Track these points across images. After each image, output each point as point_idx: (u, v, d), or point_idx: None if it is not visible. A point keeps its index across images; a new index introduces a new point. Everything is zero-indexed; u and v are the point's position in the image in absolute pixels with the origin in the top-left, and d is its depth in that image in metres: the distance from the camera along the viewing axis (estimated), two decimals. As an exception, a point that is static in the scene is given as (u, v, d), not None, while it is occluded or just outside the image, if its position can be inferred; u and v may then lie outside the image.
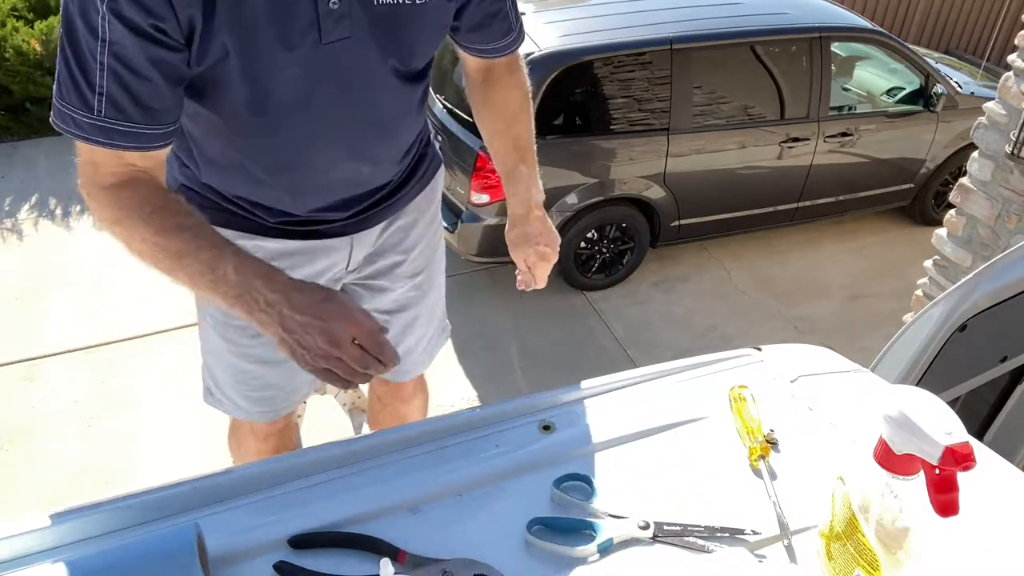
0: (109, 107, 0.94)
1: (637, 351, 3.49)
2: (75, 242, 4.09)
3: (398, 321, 1.60)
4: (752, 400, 1.00)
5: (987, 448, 0.99)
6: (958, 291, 1.39)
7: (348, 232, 1.39)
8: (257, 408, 1.54)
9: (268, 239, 1.34)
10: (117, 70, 0.92)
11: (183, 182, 1.31)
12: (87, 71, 0.92)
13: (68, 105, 0.95)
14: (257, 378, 1.48)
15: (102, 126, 0.96)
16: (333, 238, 1.38)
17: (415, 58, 1.17)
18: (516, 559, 0.77)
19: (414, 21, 1.10)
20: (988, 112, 2.84)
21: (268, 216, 1.31)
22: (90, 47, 0.91)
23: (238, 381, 1.49)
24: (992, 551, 0.83)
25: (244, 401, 1.53)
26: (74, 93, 0.94)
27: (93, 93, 0.93)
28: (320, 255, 1.39)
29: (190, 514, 0.81)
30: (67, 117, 0.96)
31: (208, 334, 1.46)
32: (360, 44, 1.07)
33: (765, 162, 3.98)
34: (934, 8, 7.93)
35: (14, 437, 2.85)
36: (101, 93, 0.93)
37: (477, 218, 3.53)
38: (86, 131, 0.96)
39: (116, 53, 0.91)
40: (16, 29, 4.91)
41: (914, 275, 3.44)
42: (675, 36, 3.61)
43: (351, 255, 1.45)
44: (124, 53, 0.92)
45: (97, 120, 0.95)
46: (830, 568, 0.76)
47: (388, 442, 0.92)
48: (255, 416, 1.57)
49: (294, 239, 1.35)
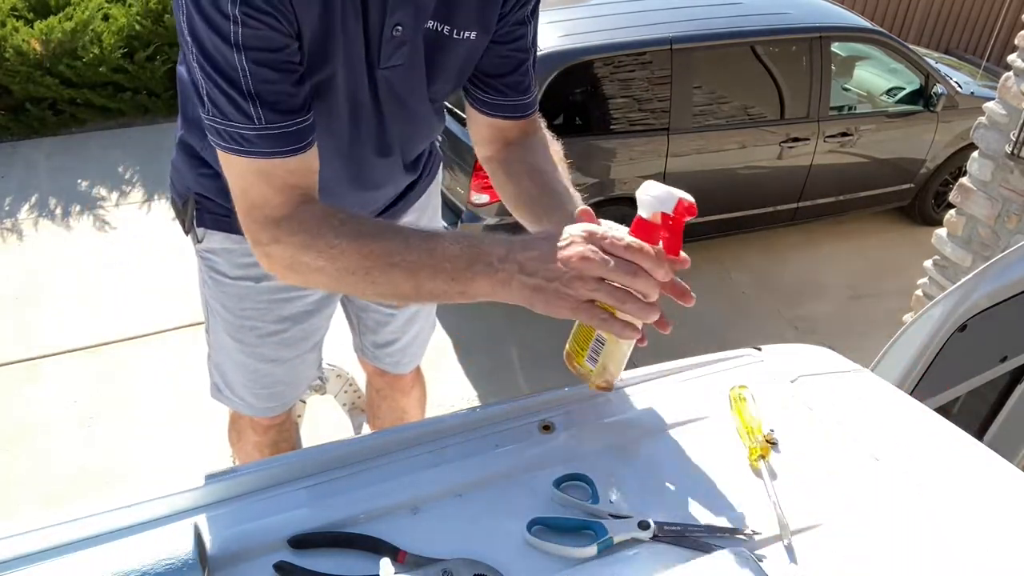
0: (267, 111, 0.89)
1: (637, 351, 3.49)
2: (75, 242, 4.09)
3: (401, 315, 1.63)
4: (752, 400, 1.00)
5: (987, 448, 0.99)
6: (958, 291, 1.39)
7: None
8: (265, 404, 1.57)
9: None
10: (259, 72, 0.88)
11: (197, 191, 1.31)
12: (233, 81, 0.88)
13: (230, 122, 0.90)
14: (267, 375, 1.51)
15: (270, 134, 0.91)
16: None
17: (445, 88, 1.16)
18: (516, 559, 0.77)
19: (449, 52, 1.08)
20: (988, 112, 2.84)
21: None
22: (227, 56, 0.87)
23: (249, 380, 1.51)
24: (993, 552, 0.83)
25: (253, 398, 1.55)
26: (232, 108, 0.89)
27: (248, 102, 0.89)
28: None
29: (190, 514, 0.81)
30: (233, 135, 0.91)
31: (218, 335, 1.47)
32: (410, 68, 1.06)
33: (765, 162, 3.98)
34: (934, 8, 7.93)
35: (14, 437, 2.85)
36: (255, 100, 0.89)
37: (477, 218, 3.53)
38: (254, 144, 0.91)
39: (253, 56, 0.87)
40: (16, 29, 4.91)
41: (914, 275, 3.44)
42: (675, 36, 3.61)
43: None
44: (261, 54, 0.88)
45: (263, 129, 0.90)
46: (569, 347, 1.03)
47: (388, 442, 0.92)
48: (262, 412, 1.59)
49: None
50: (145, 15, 5.26)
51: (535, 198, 1.09)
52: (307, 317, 1.46)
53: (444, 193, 3.67)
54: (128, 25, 5.20)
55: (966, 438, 1.00)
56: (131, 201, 4.48)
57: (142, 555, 0.70)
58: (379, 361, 1.77)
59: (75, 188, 4.56)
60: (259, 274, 1.36)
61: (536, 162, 1.14)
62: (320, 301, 1.47)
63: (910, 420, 1.04)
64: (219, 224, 1.33)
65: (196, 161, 1.28)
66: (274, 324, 1.43)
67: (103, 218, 4.30)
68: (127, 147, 5.05)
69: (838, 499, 0.86)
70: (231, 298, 1.40)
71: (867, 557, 0.80)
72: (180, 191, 1.35)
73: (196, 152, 1.27)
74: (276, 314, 1.42)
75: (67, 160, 4.85)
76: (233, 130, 0.90)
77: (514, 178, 1.15)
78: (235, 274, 1.37)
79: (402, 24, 0.99)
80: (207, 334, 1.52)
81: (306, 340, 1.51)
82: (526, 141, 1.19)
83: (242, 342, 1.45)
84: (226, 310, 1.42)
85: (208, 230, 1.34)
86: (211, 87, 0.89)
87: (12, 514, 2.57)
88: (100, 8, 5.21)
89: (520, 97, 1.18)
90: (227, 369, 1.52)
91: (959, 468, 0.94)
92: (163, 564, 0.69)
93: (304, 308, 1.45)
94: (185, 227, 1.37)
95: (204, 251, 1.38)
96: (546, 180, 1.10)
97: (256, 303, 1.40)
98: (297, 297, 1.42)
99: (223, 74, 0.88)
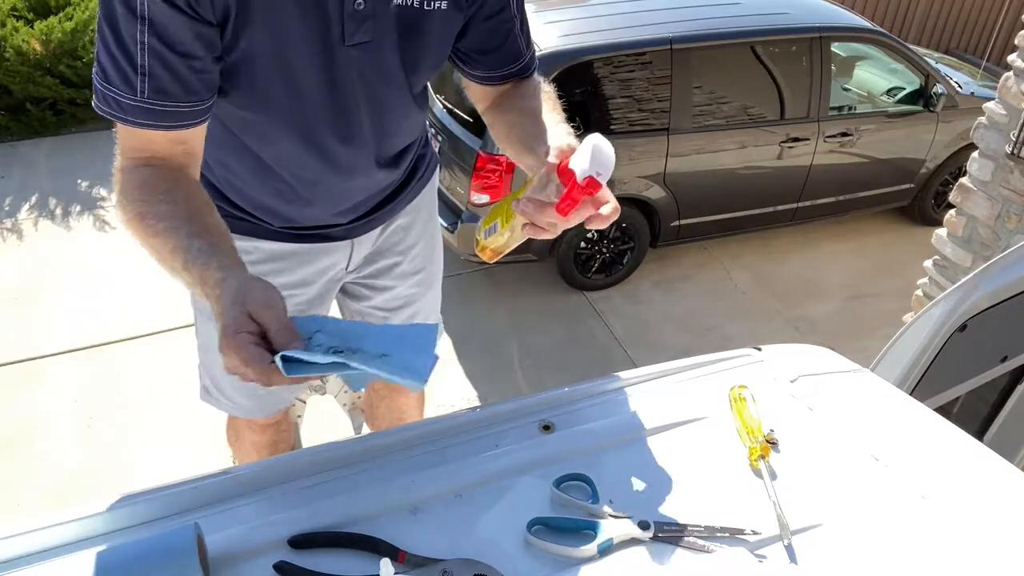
0: (152, 88, 0.93)
1: (637, 351, 3.49)
2: (75, 242, 4.09)
3: (398, 318, 1.62)
4: (752, 400, 1.00)
5: (987, 448, 0.99)
6: (958, 291, 1.39)
7: (350, 236, 1.40)
8: (255, 404, 1.55)
9: (268, 241, 1.34)
10: (158, 49, 0.91)
11: None
12: (129, 52, 0.91)
13: (111, 87, 0.94)
14: None
15: (145, 107, 0.94)
16: (334, 241, 1.39)
17: (420, 68, 1.15)
18: (516, 559, 0.77)
19: (421, 26, 1.08)
20: (988, 112, 2.84)
21: (273, 220, 1.31)
22: (130, 27, 0.90)
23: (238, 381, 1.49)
24: (992, 551, 0.83)
25: (244, 399, 1.54)
26: (116, 75, 0.93)
27: (136, 74, 0.92)
28: (321, 255, 1.40)
29: (190, 514, 0.81)
30: (111, 100, 0.95)
31: (208, 334, 1.46)
32: (379, 47, 1.06)
33: (765, 162, 3.98)
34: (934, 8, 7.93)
35: (14, 437, 2.85)
36: (144, 73, 0.92)
37: (477, 218, 3.53)
38: (129, 113, 0.95)
39: (157, 32, 0.91)
40: (16, 29, 4.91)
41: (914, 275, 3.44)
42: (675, 36, 3.61)
43: (351, 256, 1.45)
44: (165, 32, 0.91)
45: (140, 101, 0.94)
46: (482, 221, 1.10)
47: (388, 442, 0.92)
48: (255, 414, 1.58)
49: (295, 242, 1.36)
50: (145, 15, 5.26)
51: (521, 136, 1.11)
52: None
53: (444, 193, 3.67)
54: (128, 25, 5.21)
55: (966, 438, 1.00)
56: (131, 201, 4.48)
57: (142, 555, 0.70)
58: None
59: (75, 188, 4.55)
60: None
61: (526, 103, 1.16)
62: (312, 300, 1.46)
63: (910, 420, 1.04)
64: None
65: None
66: None
67: (103, 218, 4.30)
68: (127, 147, 5.05)
69: (838, 499, 0.86)
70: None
71: (867, 557, 0.80)
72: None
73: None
74: None
75: (67, 160, 4.85)
76: (111, 95, 0.94)
77: (504, 117, 1.19)
78: None
79: None
80: (196, 336, 1.51)
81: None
82: (520, 86, 1.22)
83: None
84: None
85: None
86: (104, 52, 0.92)
87: (12, 514, 2.57)
88: (100, 8, 5.22)
89: (514, 64, 1.20)
90: (216, 371, 1.50)
91: (959, 468, 0.94)
92: (163, 564, 0.69)
93: (295, 306, 1.44)
94: None
95: None
96: (532, 119, 1.12)
97: None
98: (289, 296, 1.42)
99: (120, 42, 0.90)
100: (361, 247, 1.45)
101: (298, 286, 1.42)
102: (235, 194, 1.29)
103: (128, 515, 0.80)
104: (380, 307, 1.59)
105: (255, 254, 1.34)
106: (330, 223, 1.35)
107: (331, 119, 1.12)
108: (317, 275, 1.43)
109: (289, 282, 1.39)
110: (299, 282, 1.41)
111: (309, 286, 1.44)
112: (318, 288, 1.46)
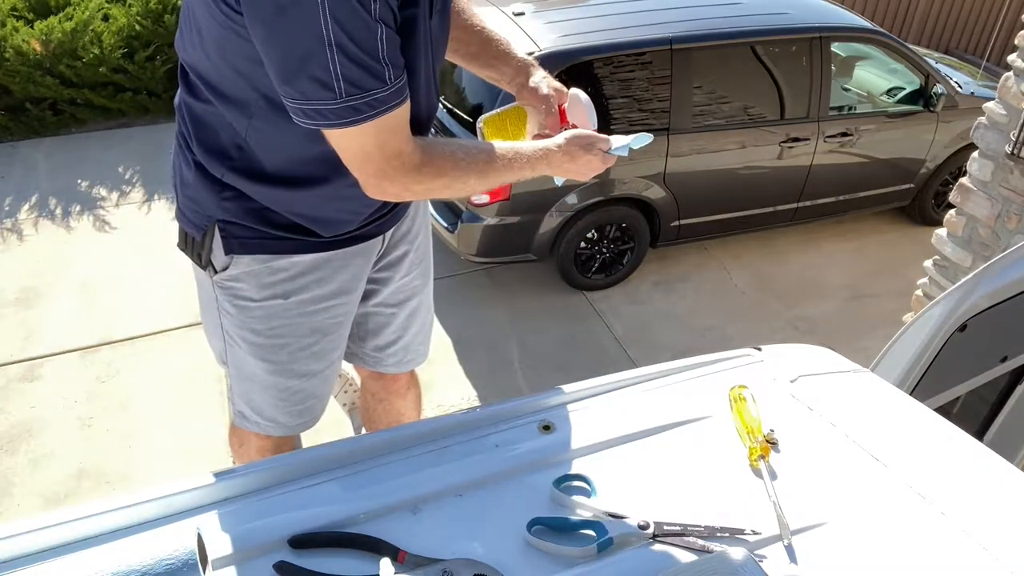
0: (395, 74, 1.06)
1: (637, 351, 3.49)
2: (75, 242, 4.09)
3: (402, 312, 1.64)
4: (752, 400, 1.00)
5: (987, 448, 0.99)
6: (958, 291, 1.39)
7: (383, 230, 1.44)
8: (297, 420, 1.57)
9: (306, 254, 1.35)
10: (389, 36, 1.03)
11: (221, 217, 1.29)
12: (373, 54, 1.02)
13: (366, 93, 1.03)
14: (298, 391, 1.51)
15: (397, 88, 1.07)
16: (373, 239, 1.42)
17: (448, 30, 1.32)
18: (516, 559, 0.77)
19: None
20: (988, 112, 2.84)
21: (325, 230, 1.33)
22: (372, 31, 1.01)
23: (280, 400, 1.51)
24: (992, 550, 0.83)
25: (285, 417, 1.54)
26: (369, 79, 1.03)
27: (382, 66, 1.03)
28: (355, 257, 1.42)
29: (190, 514, 0.81)
30: (367, 104, 1.04)
31: (244, 361, 1.46)
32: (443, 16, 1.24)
33: (765, 162, 3.98)
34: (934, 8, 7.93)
35: (14, 437, 2.85)
36: (387, 63, 1.04)
37: (477, 218, 3.53)
38: (386, 101, 1.06)
39: (385, 23, 1.02)
40: (16, 29, 4.91)
41: (914, 275, 3.44)
42: (675, 36, 3.61)
43: (381, 251, 1.49)
44: (388, 20, 1.03)
45: (393, 85, 1.06)
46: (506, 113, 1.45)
47: (388, 442, 0.92)
48: (294, 429, 1.58)
49: (337, 248, 1.37)
50: (145, 15, 5.26)
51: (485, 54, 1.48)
52: (335, 328, 1.47)
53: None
54: (128, 25, 5.20)
55: (966, 438, 1.00)
56: (131, 201, 4.48)
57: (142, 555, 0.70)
58: (380, 364, 1.76)
59: (75, 188, 4.56)
60: (287, 290, 1.37)
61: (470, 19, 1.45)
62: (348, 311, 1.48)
63: (910, 420, 1.04)
64: (246, 247, 1.32)
65: (218, 187, 1.27)
66: (306, 338, 1.43)
67: (103, 218, 4.30)
68: (127, 147, 5.05)
69: (838, 499, 0.86)
70: (259, 320, 1.40)
71: (867, 557, 0.80)
72: (198, 223, 1.33)
73: (217, 179, 1.26)
74: (307, 327, 1.42)
75: (67, 160, 4.85)
76: (371, 98, 1.04)
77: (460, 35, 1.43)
78: (262, 295, 1.37)
79: None
80: (225, 366, 1.51)
81: (335, 350, 1.52)
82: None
83: (273, 362, 1.44)
84: (255, 334, 1.41)
85: (235, 255, 1.33)
86: (349, 66, 1.00)
87: (12, 514, 2.57)
88: (100, 8, 5.21)
89: None
90: (255, 395, 1.51)
91: (959, 468, 0.94)
92: (163, 564, 0.69)
93: (333, 319, 1.45)
94: (202, 260, 1.35)
95: (225, 280, 1.36)
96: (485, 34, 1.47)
97: (286, 319, 1.40)
98: (327, 307, 1.43)
99: (366, 48, 1.01)
100: (386, 241, 1.49)
101: (339, 295, 1.43)
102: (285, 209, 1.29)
103: (128, 515, 0.80)
104: (386, 303, 1.61)
105: (292, 269, 1.36)
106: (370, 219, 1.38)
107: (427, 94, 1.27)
108: (354, 281, 1.45)
109: (328, 292, 1.41)
110: (338, 291, 1.43)
111: (349, 294, 1.46)
112: (357, 295, 1.49)
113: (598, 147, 1.31)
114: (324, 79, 1.00)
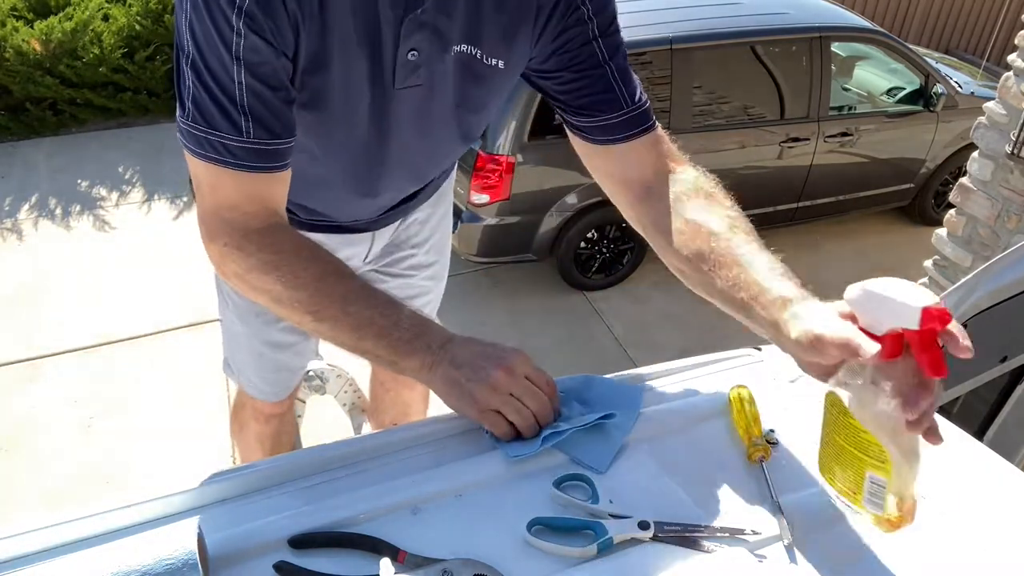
0: (257, 127, 0.89)
1: (637, 351, 3.49)
2: (75, 242, 4.09)
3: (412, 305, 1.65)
4: (752, 400, 1.00)
5: (987, 448, 0.99)
6: (958, 291, 1.39)
7: (371, 229, 1.44)
8: (269, 387, 1.63)
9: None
10: (255, 87, 0.87)
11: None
12: (228, 92, 0.87)
13: (216, 132, 0.88)
14: (271, 360, 1.57)
15: (255, 148, 0.89)
16: (356, 233, 1.42)
17: (481, 112, 1.13)
18: (516, 559, 0.77)
19: (480, 77, 1.05)
20: (988, 112, 2.84)
21: (302, 214, 1.33)
22: (227, 67, 0.86)
23: (255, 362, 1.58)
24: (991, 551, 0.83)
25: (259, 380, 1.62)
26: (221, 118, 0.88)
27: (239, 113, 0.87)
28: (342, 247, 1.42)
29: (190, 514, 0.81)
30: (216, 145, 0.89)
31: (230, 318, 1.53)
32: (431, 91, 1.03)
33: (765, 162, 3.98)
34: (934, 8, 7.93)
35: (14, 437, 2.85)
36: (247, 114, 0.88)
37: (477, 218, 3.54)
38: (240, 157, 0.89)
39: (252, 70, 0.86)
40: (16, 29, 4.91)
41: (914, 275, 3.44)
42: (675, 36, 3.61)
43: (371, 248, 1.49)
44: (259, 69, 0.87)
45: (249, 143, 0.89)
46: (838, 486, 0.82)
47: (388, 442, 0.92)
48: (267, 395, 1.65)
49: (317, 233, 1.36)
50: (145, 15, 5.26)
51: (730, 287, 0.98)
52: None
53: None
54: (128, 25, 5.21)
55: (966, 438, 1.00)
56: (131, 201, 4.48)
57: (142, 555, 0.70)
58: None
59: (75, 188, 4.56)
60: None
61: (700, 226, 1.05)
62: None
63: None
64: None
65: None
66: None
67: (103, 218, 4.30)
68: (127, 147, 5.05)
69: (838, 499, 0.86)
70: None
71: (867, 557, 0.80)
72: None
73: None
74: None
75: (67, 160, 4.85)
76: (216, 140, 0.89)
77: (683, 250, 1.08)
78: None
79: (418, 49, 0.96)
80: (222, 318, 1.58)
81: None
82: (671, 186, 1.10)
83: (250, 325, 1.50)
84: (237, 294, 1.45)
85: None
86: (202, 95, 0.87)
87: (12, 514, 2.57)
88: (100, 8, 5.21)
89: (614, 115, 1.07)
90: (235, 349, 1.59)
91: (959, 468, 0.94)
92: (163, 564, 0.69)
93: None
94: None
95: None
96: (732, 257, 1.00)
97: None
98: None
99: (220, 84, 0.87)
100: (380, 239, 1.49)
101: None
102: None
103: (128, 515, 0.80)
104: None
105: None
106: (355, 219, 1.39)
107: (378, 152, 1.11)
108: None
109: None
110: None
111: None
112: None
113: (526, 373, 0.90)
114: (180, 88, 0.90)
